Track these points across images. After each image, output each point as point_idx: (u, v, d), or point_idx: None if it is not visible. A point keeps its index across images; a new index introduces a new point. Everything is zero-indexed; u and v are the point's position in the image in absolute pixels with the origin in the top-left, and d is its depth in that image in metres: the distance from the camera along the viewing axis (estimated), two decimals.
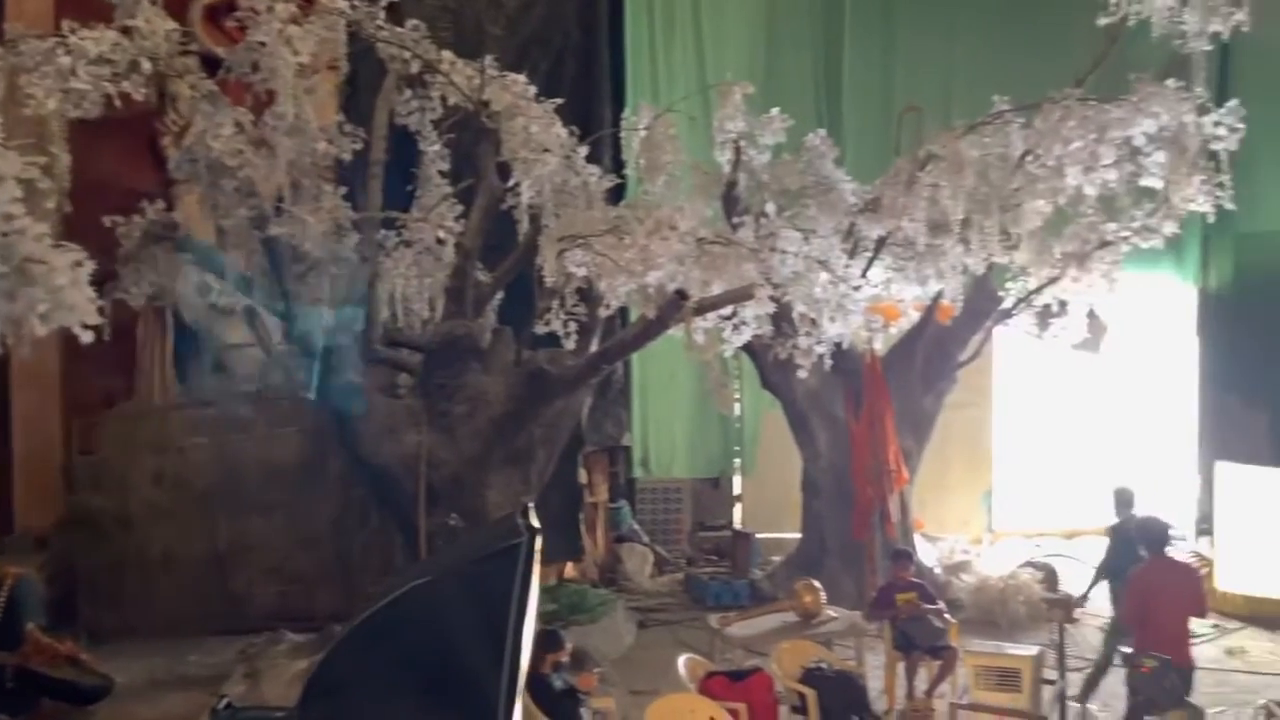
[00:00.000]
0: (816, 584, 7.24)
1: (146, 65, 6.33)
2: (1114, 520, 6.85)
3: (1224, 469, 7.03)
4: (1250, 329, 10.36)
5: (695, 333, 7.11)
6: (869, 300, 8.47)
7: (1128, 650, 5.63)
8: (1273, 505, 6.47)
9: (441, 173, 7.80)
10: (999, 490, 11.96)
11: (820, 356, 8.20)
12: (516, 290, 7.92)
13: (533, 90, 7.47)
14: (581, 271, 6.59)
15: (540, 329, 6.99)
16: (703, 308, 6.70)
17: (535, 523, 3.30)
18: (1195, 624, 8.92)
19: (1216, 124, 7.67)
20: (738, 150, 8.28)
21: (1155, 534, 6.06)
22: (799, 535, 9.78)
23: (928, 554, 9.87)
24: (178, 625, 8.42)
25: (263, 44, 6.41)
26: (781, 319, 8.26)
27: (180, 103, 7.38)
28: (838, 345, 8.24)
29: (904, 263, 8.75)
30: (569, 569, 9.57)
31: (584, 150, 7.44)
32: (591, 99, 10.10)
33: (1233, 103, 7.74)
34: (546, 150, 7.09)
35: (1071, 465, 13.08)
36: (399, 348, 7.84)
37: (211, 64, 7.16)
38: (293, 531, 8.69)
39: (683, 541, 10.81)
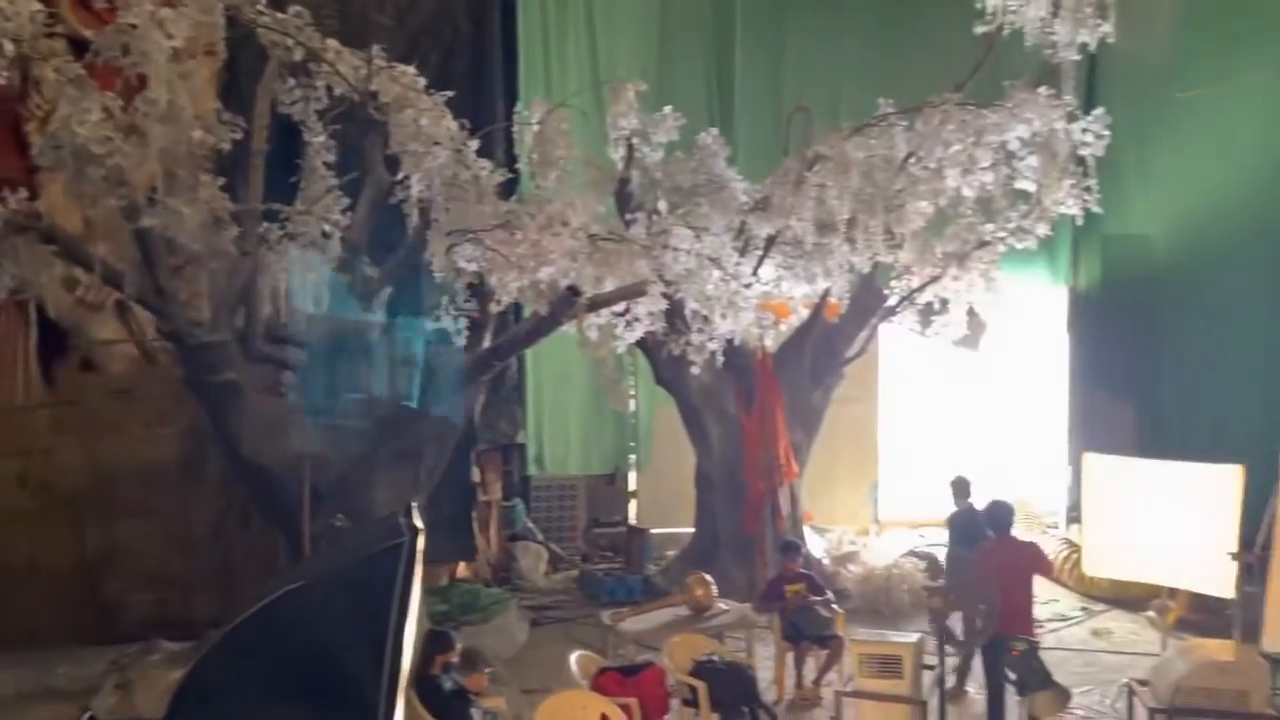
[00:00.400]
0: (708, 578, 7.33)
1: (9, 47, 5.99)
2: (953, 509, 7.16)
3: (1091, 459, 7.38)
4: (1116, 326, 10.91)
5: (589, 329, 7.13)
6: (760, 298, 8.62)
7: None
8: (1137, 494, 6.80)
9: (327, 164, 7.57)
10: (885, 482, 12.33)
11: (712, 353, 8.31)
12: (406, 286, 7.78)
13: (422, 82, 7.33)
14: (472, 267, 6.51)
15: (430, 325, 6.87)
16: (595, 304, 6.71)
17: (418, 522, 3.23)
18: (1065, 608, 9.47)
19: (1084, 130, 8.05)
20: (630, 147, 8.31)
21: (1000, 517, 6.43)
22: (693, 530, 9.89)
23: (817, 546, 10.10)
24: (44, 635, 8.00)
25: (134, 26, 6.11)
26: (674, 316, 8.33)
27: (45, 86, 6.99)
28: (729, 342, 8.36)
29: (793, 261, 8.93)
30: (461, 569, 9.45)
31: (475, 144, 7.34)
32: (483, 93, 9.99)
33: (1099, 110, 8.13)
34: (437, 143, 6.97)
35: (952, 457, 13.58)
36: (282, 344, 7.60)
37: (79, 46, 6.81)
38: (169, 536, 8.34)
39: (578, 538, 10.81)
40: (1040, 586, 10.25)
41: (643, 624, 7.06)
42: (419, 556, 3.14)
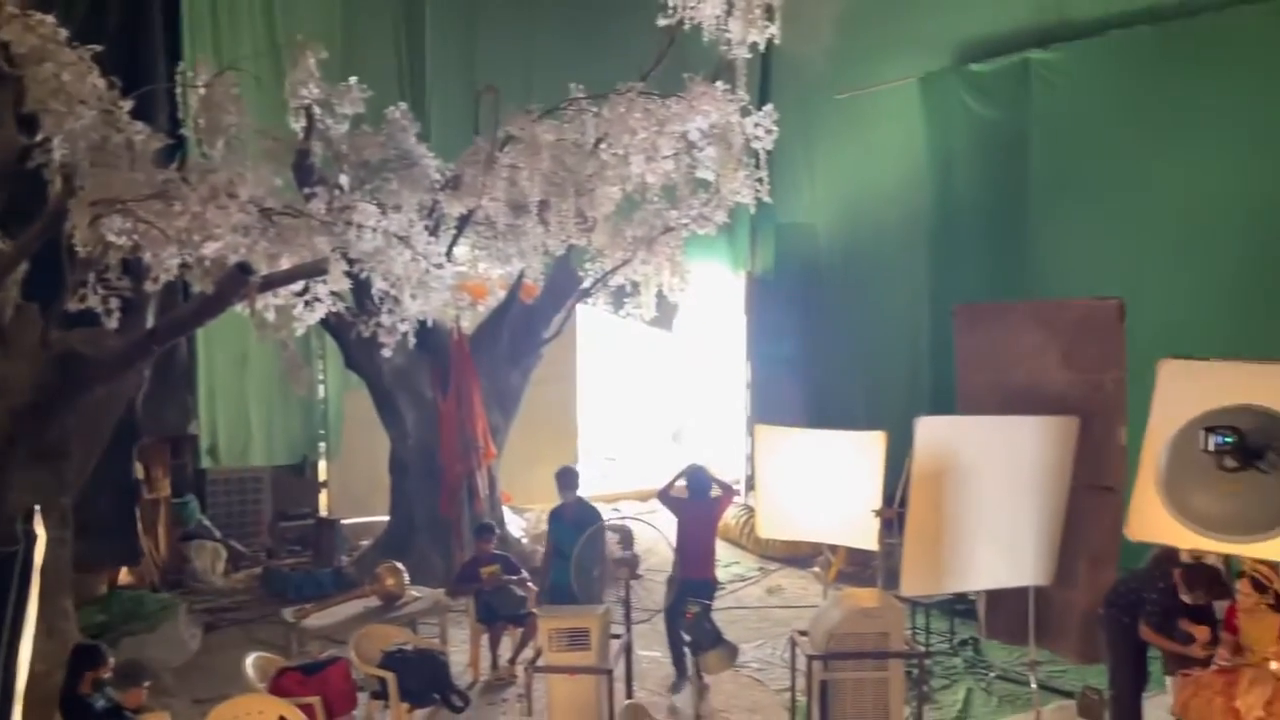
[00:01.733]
0: (399, 566, 7.15)
1: None
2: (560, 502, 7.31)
3: (762, 430, 7.94)
4: (787, 309, 11.87)
5: (265, 310, 6.66)
6: (455, 278, 8.48)
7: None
8: (800, 461, 7.40)
9: None
10: (584, 460, 12.63)
11: (405, 335, 8.08)
12: (45, 261, 6.87)
13: (64, 34, 6.48)
14: (124, 241, 5.86)
15: (74, 306, 6.09)
16: (269, 283, 6.27)
17: (39, 529, 2.86)
18: (744, 569, 10.16)
19: (756, 125, 8.60)
20: (310, 117, 7.85)
21: (698, 480, 7.25)
22: (388, 518, 9.61)
23: (515, 526, 10.17)
24: None
25: None
26: (362, 296, 8.01)
27: None
28: (423, 323, 8.17)
29: (487, 241, 8.88)
30: (124, 574, 8.58)
31: (129, 105, 6.60)
32: (141, 50, 9.02)
33: (768, 107, 8.73)
34: (81, 102, 6.19)
35: (646, 432, 14.22)
36: None
37: None
38: None
39: (263, 533, 10.15)
40: (722, 550, 11.04)
41: (329, 619, 6.76)
42: (37, 565, 2.79)
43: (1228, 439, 4.41)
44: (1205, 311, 7.62)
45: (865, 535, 7.10)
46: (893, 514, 6.81)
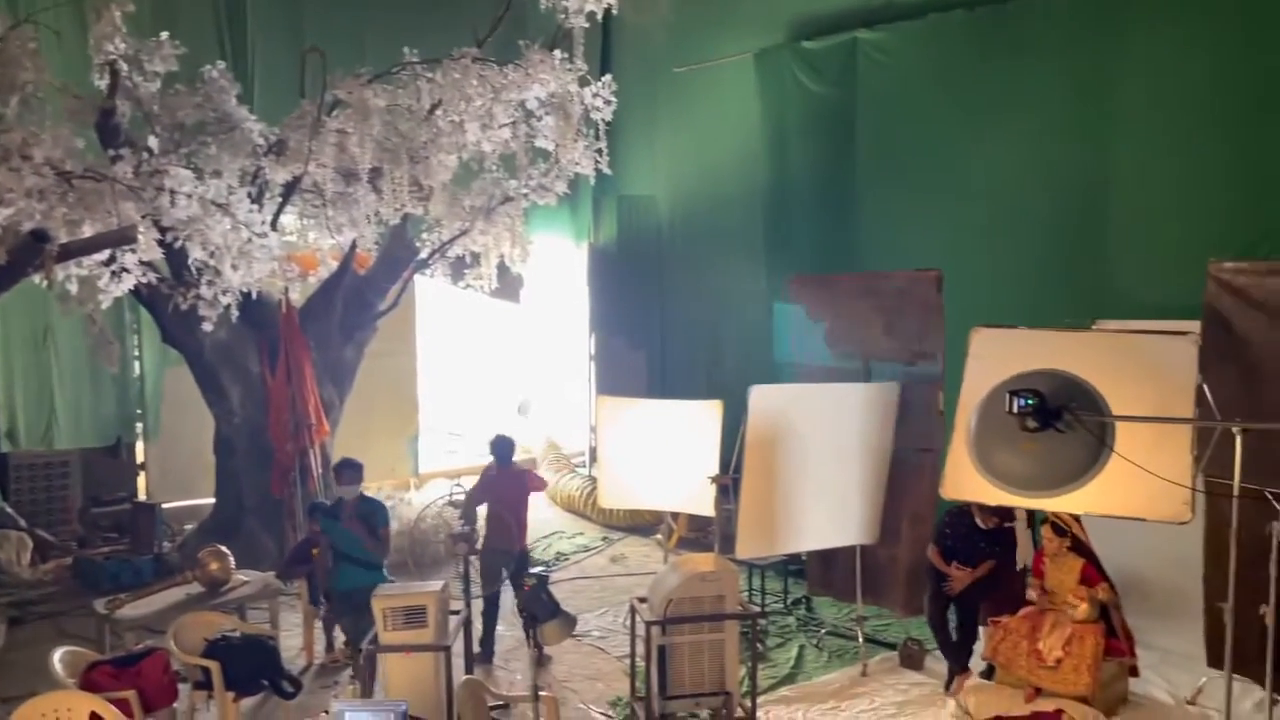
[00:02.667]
0: (224, 550, 6.82)
1: None
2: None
3: (603, 401, 7.98)
4: (629, 281, 11.94)
5: (66, 282, 6.19)
6: (283, 248, 8.11)
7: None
8: (641, 431, 7.47)
9: None
10: (425, 434, 12.39)
11: (227, 307, 7.69)
12: None
13: None
14: None
15: None
16: (69, 252, 5.82)
17: None
18: (588, 540, 10.23)
19: (595, 96, 8.57)
20: (115, 74, 7.29)
21: (501, 449, 7.21)
22: (214, 500, 9.15)
23: None
24: None
25: None
26: (179, 266, 7.56)
27: None
28: (247, 295, 7.79)
29: (316, 210, 8.52)
30: None
31: None
32: None
33: (607, 78, 8.70)
34: None
35: (491, 406, 14.06)
36: None
37: None
38: None
39: (73, 521, 9.47)
40: (566, 521, 11.09)
41: (145, 608, 6.38)
42: None
43: (1029, 401, 4.70)
44: (1016, 282, 8.11)
45: (704, 502, 7.25)
46: (728, 480, 6.97)
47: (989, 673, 6.14)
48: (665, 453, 7.39)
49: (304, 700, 5.96)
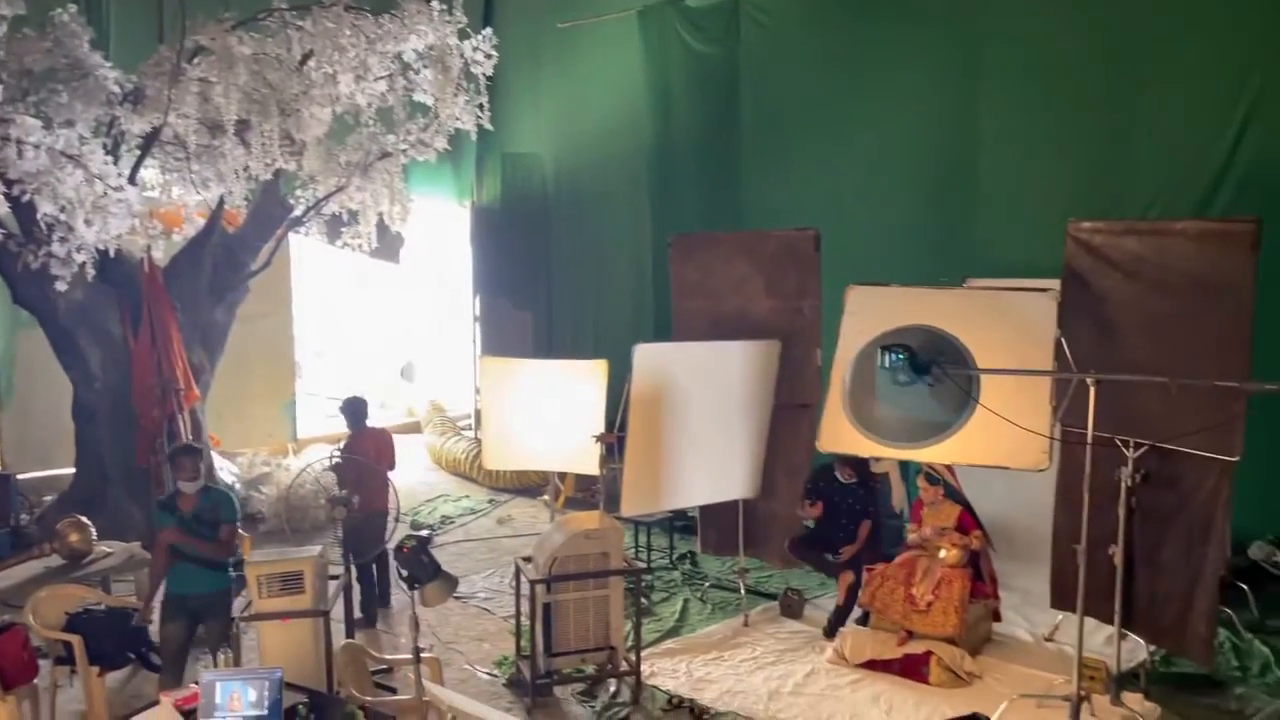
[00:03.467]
0: (84, 520, 6.52)
1: None
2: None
3: (487, 362, 7.90)
4: (514, 240, 11.80)
5: None
6: (144, 204, 7.68)
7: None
8: (525, 391, 7.42)
9: None
10: (305, 400, 12.05)
11: (81, 265, 7.25)
12: None
13: None
14: None
15: None
16: None
17: None
18: (474, 503, 10.16)
19: (475, 49, 8.35)
20: None
21: (355, 411, 7.17)
22: (74, 470, 8.69)
23: (227, 472, 9.54)
24: None
25: None
26: (28, 222, 7.08)
27: None
28: (105, 253, 7.36)
29: (179, 164, 8.10)
30: None
31: None
32: None
33: (488, 31, 8.49)
34: None
35: (374, 369, 13.76)
36: None
37: None
38: None
39: None
40: (452, 484, 10.98)
41: (2, 582, 6.05)
42: None
43: (900, 356, 4.85)
44: (893, 242, 8.33)
45: (590, 461, 7.26)
46: (613, 439, 7.00)
47: (864, 619, 6.37)
48: (550, 413, 7.36)
49: None
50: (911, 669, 5.79)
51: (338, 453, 7.19)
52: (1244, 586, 6.38)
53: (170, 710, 4.06)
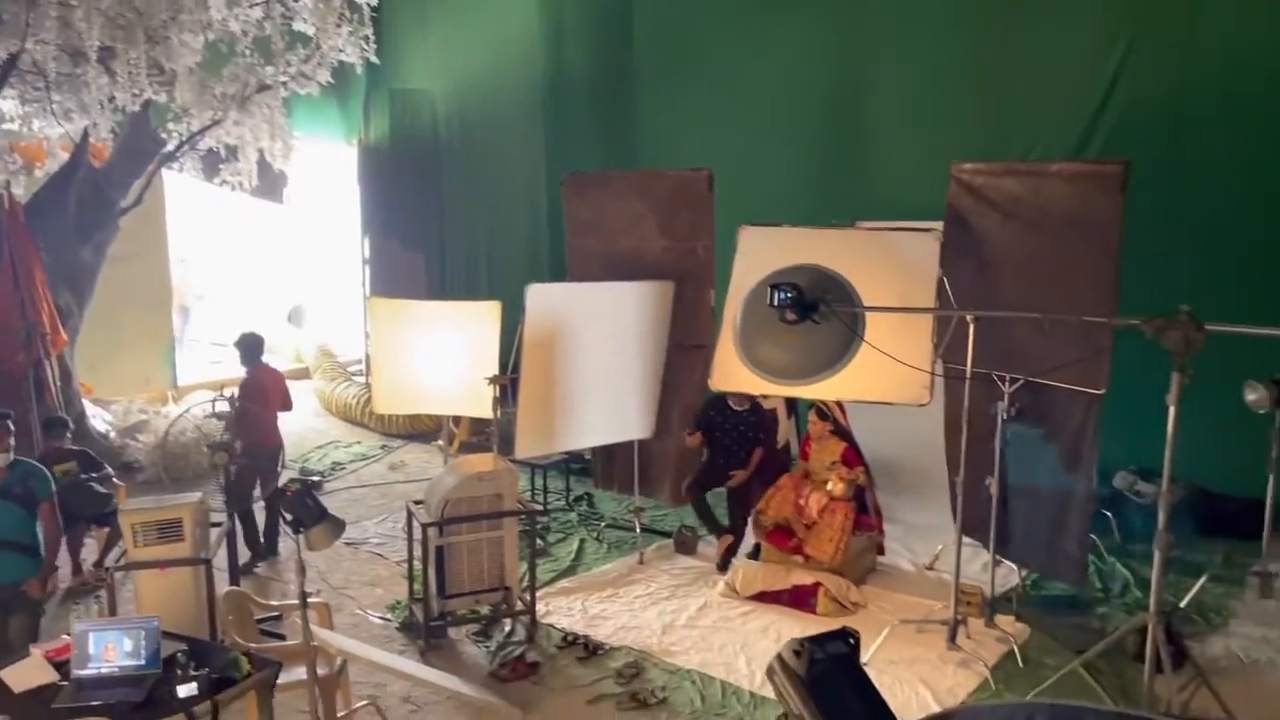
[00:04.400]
0: None
1: None
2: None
3: (376, 304, 7.67)
4: (404, 179, 11.45)
5: None
6: (5, 137, 7.19)
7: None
8: (417, 333, 7.24)
9: None
10: (186, 345, 11.57)
11: None
12: None
13: None
14: None
15: None
16: None
17: None
18: (366, 449, 9.97)
19: None
20: None
21: (249, 347, 7.04)
22: None
23: (100, 420, 9.13)
24: None
25: None
26: None
27: None
28: None
29: (39, 94, 7.59)
30: None
31: None
32: None
33: None
34: None
35: (260, 313, 13.26)
36: None
37: None
38: None
39: None
40: (343, 430, 10.75)
41: None
42: None
43: (789, 295, 4.90)
44: (786, 183, 8.39)
45: (483, 404, 7.17)
46: (506, 380, 6.91)
47: (755, 552, 6.53)
48: (443, 355, 7.21)
49: (47, 625, 5.51)
50: (800, 600, 5.96)
51: (222, 398, 6.92)
52: (1108, 514, 6.74)
53: (41, 662, 3.89)
